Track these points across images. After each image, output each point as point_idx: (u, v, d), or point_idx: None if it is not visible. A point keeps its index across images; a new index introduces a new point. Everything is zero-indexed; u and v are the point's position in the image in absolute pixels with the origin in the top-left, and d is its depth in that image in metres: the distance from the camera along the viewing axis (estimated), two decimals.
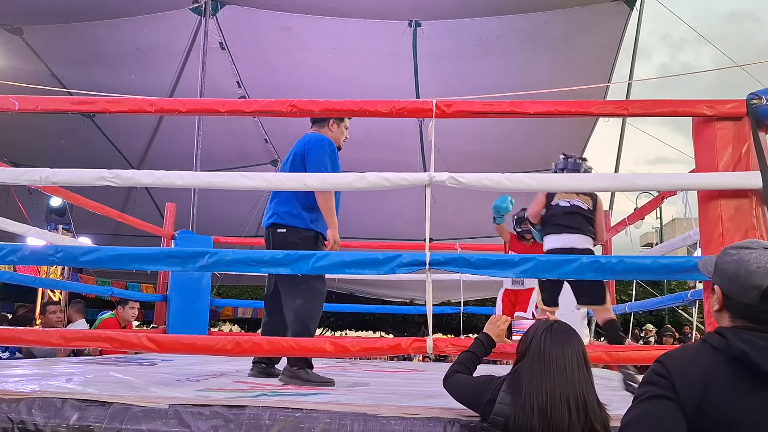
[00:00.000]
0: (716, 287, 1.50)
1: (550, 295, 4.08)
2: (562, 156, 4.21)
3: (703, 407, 1.34)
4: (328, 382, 3.29)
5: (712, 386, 1.35)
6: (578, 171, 4.11)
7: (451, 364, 2.32)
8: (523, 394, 1.82)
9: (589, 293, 3.93)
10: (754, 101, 2.68)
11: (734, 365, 1.37)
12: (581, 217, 4.09)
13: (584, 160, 4.18)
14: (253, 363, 3.66)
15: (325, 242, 3.71)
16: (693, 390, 1.36)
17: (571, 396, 1.78)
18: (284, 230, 3.58)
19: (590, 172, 4.16)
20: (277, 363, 3.69)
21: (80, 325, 6.39)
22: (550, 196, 4.09)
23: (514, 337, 4.43)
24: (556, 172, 4.15)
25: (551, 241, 4.06)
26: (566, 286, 4.08)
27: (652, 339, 10.91)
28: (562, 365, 1.82)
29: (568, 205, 4.04)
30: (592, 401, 1.80)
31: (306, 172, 3.53)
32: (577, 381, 1.81)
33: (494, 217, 5.31)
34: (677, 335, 10.63)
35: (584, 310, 5.81)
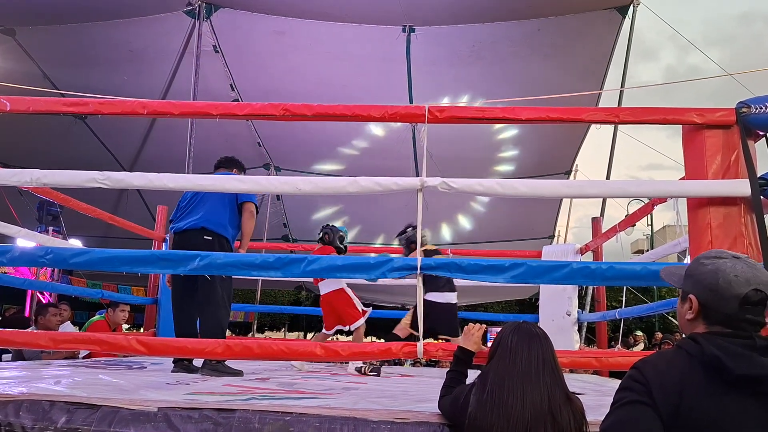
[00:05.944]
0: (692, 297, 1.50)
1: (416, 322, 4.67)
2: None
3: (680, 412, 1.36)
4: (237, 373, 3.70)
5: (688, 391, 1.37)
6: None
7: (441, 368, 2.33)
8: (486, 392, 1.87)
9: (443, 326, 4.68)
10: (744, 110, 2.70)
11: (708, 370, 1.39)
12: None
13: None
14: (174, 362, 3.97)
15: None
16: (669, 395, 1.38)
17: (535, 392, 1.81)
18: (211, 237, 3.97)
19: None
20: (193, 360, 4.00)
21: (66, 327, 6.34)
22: None
23: (489, 344, 4.52)
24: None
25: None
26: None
27: (641, 345, 10.95)
28: (527, 362, 1.87)
29: None
30: (557, 397, 1.83)
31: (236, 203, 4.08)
32: (539, 377, 1.85)
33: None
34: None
35: (575, 316, 5.84)
